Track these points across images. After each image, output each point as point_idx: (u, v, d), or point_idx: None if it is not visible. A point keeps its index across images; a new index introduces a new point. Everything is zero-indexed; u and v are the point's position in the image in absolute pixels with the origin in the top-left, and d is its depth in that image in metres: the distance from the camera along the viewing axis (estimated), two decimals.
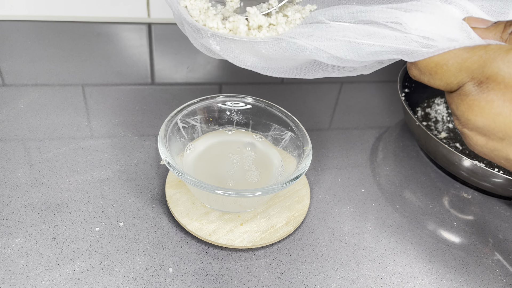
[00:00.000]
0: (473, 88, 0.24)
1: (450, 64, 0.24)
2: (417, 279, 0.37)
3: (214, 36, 0.29)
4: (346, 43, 0.26)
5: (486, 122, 0.23)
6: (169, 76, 0.59)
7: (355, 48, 0.26)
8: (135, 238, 0.37)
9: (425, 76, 0.26)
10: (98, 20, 0.70)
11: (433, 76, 0.25)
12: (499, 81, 0.22)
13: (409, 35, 0.25)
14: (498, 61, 0.22)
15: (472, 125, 0.24)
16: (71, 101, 0.52)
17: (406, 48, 0.25)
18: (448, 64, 0.24)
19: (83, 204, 0.39)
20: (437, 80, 0.25)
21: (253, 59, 0.29)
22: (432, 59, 0.25)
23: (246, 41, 0.28)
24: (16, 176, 0.41)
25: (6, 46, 0.61)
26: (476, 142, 0.25)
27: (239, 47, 0.29)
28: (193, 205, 0.39)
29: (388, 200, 0.44)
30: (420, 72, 0.26)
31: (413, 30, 0.25)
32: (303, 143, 0.39)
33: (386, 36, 0.26)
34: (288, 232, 0.38)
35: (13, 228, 0.37)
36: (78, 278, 0.33)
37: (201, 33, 0.29)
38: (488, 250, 0.40)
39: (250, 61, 0.29)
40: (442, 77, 0.25)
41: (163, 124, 0.38)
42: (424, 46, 0.25)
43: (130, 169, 0.43)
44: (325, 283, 0.36)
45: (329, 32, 0.27)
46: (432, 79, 0.25)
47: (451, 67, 0.24)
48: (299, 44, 0.27)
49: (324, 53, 0.27)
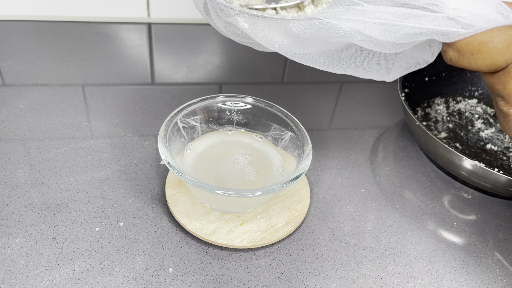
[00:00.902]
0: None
1: (497, 41, 0.23)
2: (417, 279, 0.37)
3: (243, 13, 0.27)
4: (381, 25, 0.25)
5: None
6: (169, 76, 0.59)
7: (391, 30, 0.25)
8: (135, 238, 0.37)
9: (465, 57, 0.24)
10: (98, 20, 0.70)
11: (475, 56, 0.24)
12: None
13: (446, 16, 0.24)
14: None
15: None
16: (71, 101, 0.52)
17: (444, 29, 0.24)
18: (494, 41, 0.23)
19: (83, 204, 0.39)
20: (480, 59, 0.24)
21: (282, 39, 0.28)
22: (475, 37, 0.23)
23: (276, 19, 0.27)
24: (16, 176, 0.41)
25: (6, 46, 0.61)
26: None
27: (268, 25, 0.27)
28: (193, 205, 0.39)
29: (388, 200, 0.44)
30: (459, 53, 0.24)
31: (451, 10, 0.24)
32: (303, 143, 0.39)
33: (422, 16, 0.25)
34: (288, 232, 0.38)
35: (13, 228, 0.37)
36: (78, 278, 0.33)
37: (228, 10, 0.28)
38: (488, 250, 0.40)
39: (278, 42, 0.28)
40: (486, 56, 0.23)
41: (163, 124, 0.38)
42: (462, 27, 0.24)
43: (130, 169, 0.43)
44: (325, 283, 0.36)
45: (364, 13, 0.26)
46: (474, 59, 0.24)
47: (497, 44, 0.23)
48: (332, 23, 0.26)
49: (358, 33, 0.26)
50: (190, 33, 0.69)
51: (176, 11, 0.71)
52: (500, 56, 0.23)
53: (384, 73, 0.29)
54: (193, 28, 0.71)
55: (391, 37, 0.25)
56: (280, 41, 0.28)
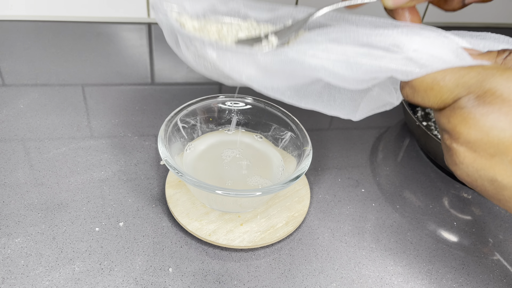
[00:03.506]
0: (468, 102, 0.24)
1: (448, 80, 0.25)
2: (417, 279, 0.37)
3: (211, 44, 0.28)
4: (344, 61, 0.27)
5: (479, 136, 0.24)
6: (169, 76, 0.59)
7: (354, 66, 0.27)
8: (135, 238, 0.37)
9: (419, 94, 0.26)
10: (98, 20, 0.70)
11: (427, 93, 0.26)
12: (497, 94, 0.23)
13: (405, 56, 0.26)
14: (496, 76, 0.23)
15: (464, 139, 0.24)
16: (71, 101, 0.52)
17: (402, 68, 0.26)
18: (445, 79, 0.25)
19: (83, 204, 0.39)
20: (432, 96, 0.26)
21: (249, 71, 0.29)
22: (429, 75, 0.25)
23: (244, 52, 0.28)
24: (16, 176, 0.41)
25: (6, 46, 0.61)
26: (463, 159, 0.25)
27: (236, 57, 0.28)
28: (193, 205, 0.39)
29: (388, 200, 0.44)
30: (414, 90, 0.26)
31: (410, 51, 0.26)
32: (303, 143, 0.39)
33: (383, 56, 0.27)
34: (288, 232, 0.38)
35: (13, 228, 0.36)
36: (78, 278, 0.33)
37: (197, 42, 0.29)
38: (488, 250, 0.40)
39: (246, 74, 0.29)
40: (437, 93, 0.25)
41: (163, 124, 0.38)
42: (419, 67, 0.26)
43: (130, 169, 0.43)
44: (325, 283, 0.36)
45: (328, 49, 0.27)
46: (427, 96, 0.26)
47: (448, 82, 0.25)
48: (297, 58, 0.27)
49: (322, 68, 0.27)
50: None
51: None
52: (449, 93, 0.25)
53: (350, 112, 0.31)
54: None
55: (353, 73, 0.27)
56: (248, 72, 0.29)
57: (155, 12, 0.33)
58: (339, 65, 0.27)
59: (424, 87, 0.26)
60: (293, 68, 0.28)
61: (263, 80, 0.29)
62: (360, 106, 0.30)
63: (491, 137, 0.23)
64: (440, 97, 0.25)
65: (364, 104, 0.30)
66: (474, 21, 0.84)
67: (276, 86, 0.30)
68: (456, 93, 0.25)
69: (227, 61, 0.29)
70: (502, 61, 0.25)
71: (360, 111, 0.31)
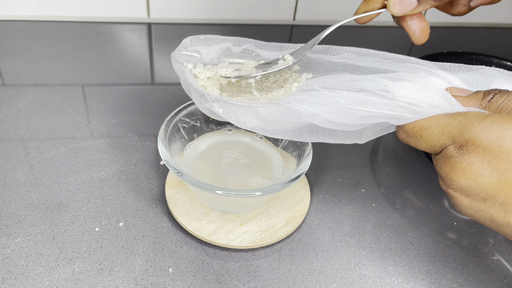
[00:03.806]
0: (454, 151, 0.25)
1: (434, 128, 0.26)
2: (417, 279, 0.37)
3: (218, 100, 0.32)
4: (338, 108, 0.29)
5: (468, 183, 0.25)
6: (169, 76, 0.59)
7: (347, 113, 0.29)
8: (135, 238, 0.37)
9: (411, 138, 0.28)
10: (98, 20, 0.70)
11: (418, 139, 0.27)
12: (477, 144, 0.24)
13: (396, 102, 0.28)
14: (476, 126, 0.24)
15: (456, 185, 0.25)
16: (71, 101, 0.52)
17: (393, 114, 0.27)
18: (431, 128, 0.26)
19: (83, 204, 0.39)
20: (422, 142, 0.27)
21: (253, 121, 0.32)
22: (417, 123, 0.27)
23: (246, 105, 0.32)
24: (16, 176, 0.41)
25: (6, 46, 0.61)
26: (461, 202, 0.26)
27: (240, 110, 0.32)
28: (193, 205, 0.39)
29: (388, 200, 0.44)
30: (407, 135, 0.28)
31: (400, 97, 0.28)
32: (303, 143, 0.39)
33: (375, 102, 0.28)
34: (288, 232, 0.38)
35: (12, 228, 0.36)
36: (78, 279, 0.33)
37: (206, 97, 0.32)
38: (488, 250, 0.40)
39: (250, 123, 0.32)
40: (426, 140, 0.27)
41: (163, 124, 0.38)
42: (410, 112, 0.27)
43: (130, 169, 0.43)
44: (325, 283, 0.36)
45: (322, 98, 0.30)
46: (418, 141, 0.27)
47: (434, 130, 0.26)
48: (294, 109, 0.30)
49: (318, 117, 0.29)
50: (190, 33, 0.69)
51: (176, 11, 0.71)
52: (436, 141, 0.26)
53: (354, 138, 0.33)
54: (193, 28, 0.71)
55: (347, 119, 0.29)
56: (252, 122, 0.32)
57: (174, 62, 0.36)
58: (334, 113, 0.29)
59: (414, 133, 0.27)
60: (290, 117, 0.30)
61: (266, 127, 0.33)
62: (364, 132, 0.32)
63: (478, 184, 0.24)
64: (429, 143, 0.26)
65: (367, 130, 0.32)
66: (474, 21, 0.84)
67: (279, 130, 0.33)
68: (442, 141, 0.26)
69: (232, 114, 0.32)
70: (487, 104, 0.26)
71: (365, 135, 0.32)
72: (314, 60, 0.37)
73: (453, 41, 0.79)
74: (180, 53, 0.37)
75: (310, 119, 0.30)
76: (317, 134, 0.33)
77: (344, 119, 0.29)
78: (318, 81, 0.32)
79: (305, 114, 0.30)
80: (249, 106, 0.31)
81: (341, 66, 0.36)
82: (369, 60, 0.34)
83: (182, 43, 0.38)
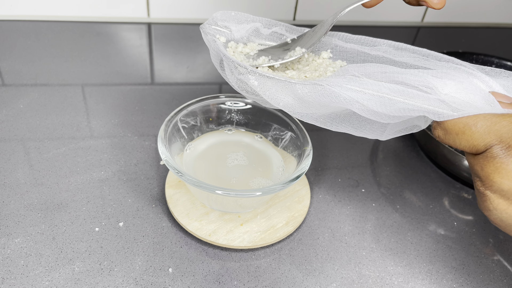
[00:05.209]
0: (501, 151, 0.24)
1: (479, 126, 0.25)
2: (417, 279, 0.37)
3: (254, 72, 0.30)
4: (379, 97, 0.27)
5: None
6: (169, 76, 0.59)
7: (386, 103, 0.27)
8: (135, 238, 0.37)
9: (450, 136, 0.26)
10: (98, 20, 0.70)
11: (459, 137, 0.26)
12: None
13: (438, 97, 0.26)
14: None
15: (497, 187, 0.24)
16: (70, 101, 0.52)
17: (435, 109, 0.26)
18: (477, 125, 0.25)
19: (83, 204, 0.39)
20: (463, 141, 0.26)
21: (287, 99, 0.30)
22: (461, 119, 0.25)
23: (284, 81, 0.30)
24: (16, 176, 0.41)
25: (6, 46, 0.61)
26: (497, 205, 0.25)
27: (276, 85, 0.30)
28: (193, 205, 0.39)
29: (388, 200, 0.44)
30: (445, 132, 0.26)
31: (443, 95, 0.26)
32: (303, 143, 0.39)
33: (417, 96, 0.27)
34: (288, 232, 0.38)
35: (12, 228, 0.36)
36: (77, 279, 0.33)
37: (241, 69, 0.31)
38: (488, 250, 0.40)
39: (283, 101, 0.31)
40: (469, 138, 0.25)
41: (163, 124, 0.38)
42: (452, 110, 0.26)
43: (130, 169, 0.43)
44: (325, 283, 0.35)
45: (364, 84, 0.28)
46: (458, 139, 0.26)
47: (480, 128, 0.25)
48: (333, 90, 0.28)
49: (357, 103, 0.28)
50: (190, 33, 0.69)
51: (176, 11, 0.71)
52: (480, 140, 0.25)
53: (378, 134, 0.32)
54: (193, 28, 0.71)
55: (386, 109, 0.27)
56: (285, 100, 0.30)
57: (204, 34, 0.35)
58: (373, 101, 0.28)
59: (456, 130, 0.26)
60: (328, 100, 0.29)
61: (299, 108, 0.31)
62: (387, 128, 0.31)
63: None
64: (471, 142, 0.25)
65: (392, 126, 0.31)
66: (474, 21, 0.84)
67: (310, 114, 0.31)
68: (487, 140, 0.25)
69: (267, 89, 0.30)
70: None
71: (387, 132, 0.31)
72: (347, 50, 0.36)
73: (453, 41, 0.79)
74: (210, 26, 0.36)
75: (349, 105, 0.28)
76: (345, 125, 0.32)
77: (382, 108, 0.27)
78: (358, 68, 0.30)
79: (344, 98, 0.28)
80: (287, 82, 0.30)
81: (377, 59, 0.34)
82: (406, 56, 0.33)
83: (213, 17, 0.36)
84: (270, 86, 0.30)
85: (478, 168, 0.25)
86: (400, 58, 0.33)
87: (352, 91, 0.28)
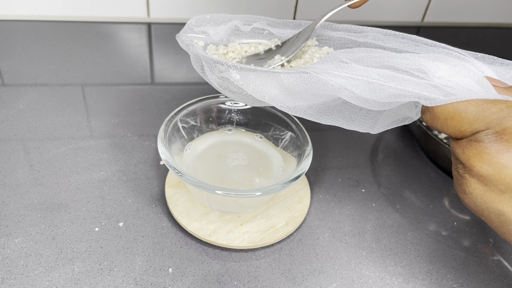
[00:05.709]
0: (486, 137, 0.24)
1: (469, 112, 0.25)
2: (417, 279, 0.37)
3: (235, 66, 0.29)
4: (368, 83, 0.27)
5: (492, 172, 0.24)
6: (169, 76, 0.59)
7: (376, 89, 0.27)
8: (134, 238, 0.37)
9: (439, 121, 0.26)
10: (98, 20, 0.70)
11: (447, 122, 0.26)
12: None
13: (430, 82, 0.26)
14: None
15: (476, 172, 0.25)
16: (70, 101, 0.52)
17: (426, 94, 0.26)
18: (467, 111, 0.25)
19: (83, 204, 0.39)
20: (451, 126, 0.26)
21: (272, 91, 0.29)
22: (451, 105, 0.25)
23: (267, 71, 0.28)
24: (16, 176, 0.41)
25: (6, 46, 0.61)
26: (473, 189, 0.25)
27: (259, 77, 0.29)
28: (193, 205, 0.39)
29: (388, 200, 0.44)
30: (434, 117, 0.26)
31: (436, 78, 0.26)
32: (303, 143, 0.39)
33: (407, 80, 0.26)
34: (288, 232, 0.38)
35: (12, 228, 0.36)
36: (77, 279, 0.33)
37: (220, 66, 0.30)
38: (488, 250, 0.40)
39: (269, 94, 0.29)
40: (457, 124, 0.25)
41: (163, 124, 0.38)
42: (444, 94, 0.26)
43: (129, 169, 0.43)
44: (325, 284, 0.35)
45: (351, 70, 0.27)
46: (446, 124, 0.26)
47: (469, 114, 0.25)
48: (320, 78, 0.27)
49: (345, 90, 0.27)
50: None
51: (176, 11, 0.71)
52: (468, 125, 0.25)
53: (369, 127, 0.31)
54: None
55: (376, 96, 0.27)
56: (271, 93, 0.29)
57: (180, 41, 0.34)
58: (362, 87, 0.27)
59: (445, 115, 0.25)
60: (315, 88, 0.28)
61: (286, 100, 0.30)
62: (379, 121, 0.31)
63: (503, 175, 0.23)
64: (459, 128, 0.25)
65: (383, 118, 0.31)
66: (474, 21, 0.84)
67: (298, 106, 0.30)
68: (475, 126, 0.25)
69: (250, 82, 0.29)
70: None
71: (379, 124, 0.31)
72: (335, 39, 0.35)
73: (453, 41, 0.79)
74: (186, 35, 0.35)
75: (337, 92, 0.27)
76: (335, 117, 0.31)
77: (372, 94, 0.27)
78: (346, 54, 0.29)
79: (332, 85, 0.27)
80: (270, 72, 0.28)
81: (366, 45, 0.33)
82: (396, 41, 0.32)
83: (188, 24, 0.35)
84: (253, 79, 0.29)
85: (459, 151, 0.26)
86: (390, 44, 0.32)
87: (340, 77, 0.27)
